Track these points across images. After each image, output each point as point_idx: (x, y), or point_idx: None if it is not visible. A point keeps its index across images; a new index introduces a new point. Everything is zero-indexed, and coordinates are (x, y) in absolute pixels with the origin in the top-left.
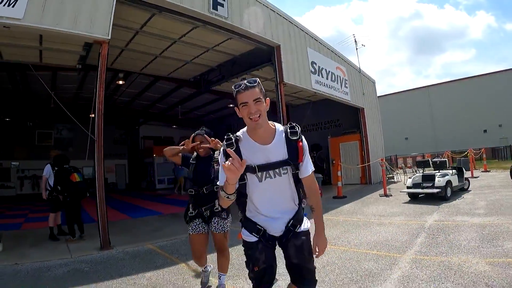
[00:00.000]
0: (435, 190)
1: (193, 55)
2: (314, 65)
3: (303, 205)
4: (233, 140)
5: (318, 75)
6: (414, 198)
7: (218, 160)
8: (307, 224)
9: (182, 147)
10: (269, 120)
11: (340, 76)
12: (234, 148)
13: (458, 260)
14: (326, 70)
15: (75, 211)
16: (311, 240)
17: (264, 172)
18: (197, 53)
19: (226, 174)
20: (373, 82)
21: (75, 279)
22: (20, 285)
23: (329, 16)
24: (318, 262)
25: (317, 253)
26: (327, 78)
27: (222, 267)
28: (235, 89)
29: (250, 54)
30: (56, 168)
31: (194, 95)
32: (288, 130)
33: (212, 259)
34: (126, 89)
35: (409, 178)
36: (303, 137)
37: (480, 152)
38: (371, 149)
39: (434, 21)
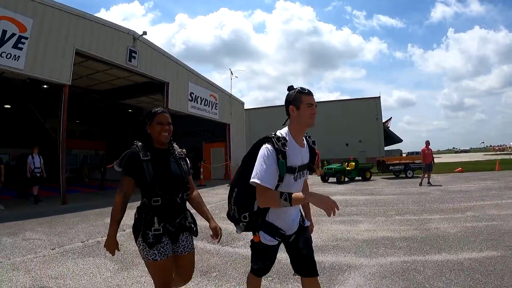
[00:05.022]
0: None
1: (108, 80)
2: (192, 94)
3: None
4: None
5: (194, 101)
6: None
7: (183, 157)
8: (306, 220)
9: None
10: None
11: (212, 101)
12: (287, 149)
13: None
14: (201, 97)
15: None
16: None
17: (299, 173)
18: (110, 79)
19: (327, 209)
20: (242, 104)
21: (67, 211)
22: (39, 216)
23: (232, 20)
24: None
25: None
26: (201, 103)
27: None
28: (301, 90)
29: (148, 83)
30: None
31: (100, 101)
32: (310, 139)
33: None
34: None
35: None
36: None
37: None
38: (233, 154)
39: (331, 40)
